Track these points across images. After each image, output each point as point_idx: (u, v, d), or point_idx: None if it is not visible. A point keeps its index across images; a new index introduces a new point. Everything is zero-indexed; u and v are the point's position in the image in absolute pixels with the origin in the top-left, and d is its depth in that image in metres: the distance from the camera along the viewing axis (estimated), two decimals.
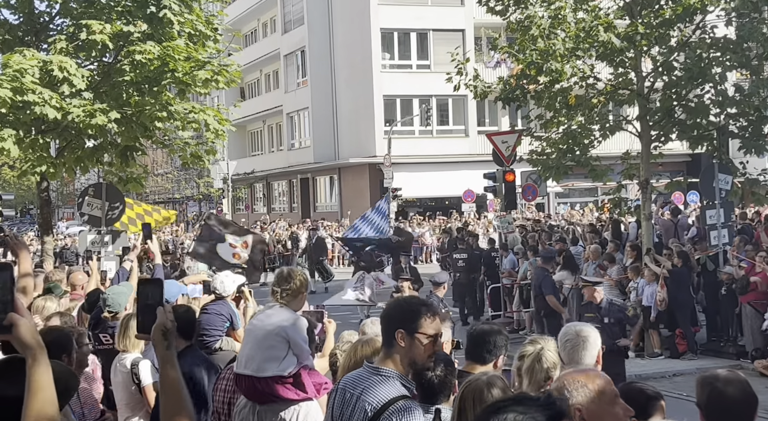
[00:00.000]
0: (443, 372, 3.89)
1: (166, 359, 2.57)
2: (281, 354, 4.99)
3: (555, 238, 18.43)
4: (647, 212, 15.09)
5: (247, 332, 5.29)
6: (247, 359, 5.06)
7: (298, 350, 5.03)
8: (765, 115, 14.23)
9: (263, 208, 50.78)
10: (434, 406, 3.80)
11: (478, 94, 15.61)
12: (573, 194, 39.40)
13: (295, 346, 5.02)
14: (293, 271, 5.36)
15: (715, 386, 3.23)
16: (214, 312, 7.22)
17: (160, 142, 15.23)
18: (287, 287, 5.17)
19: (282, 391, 4.99)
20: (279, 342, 5.01)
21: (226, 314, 7.25)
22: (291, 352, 5.01)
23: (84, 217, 14.03)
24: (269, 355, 4.99)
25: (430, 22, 37.29)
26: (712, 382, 3.26)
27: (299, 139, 45.42)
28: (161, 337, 2.56)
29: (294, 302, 5.23)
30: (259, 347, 5.03)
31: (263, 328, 5.08)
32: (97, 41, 11.96)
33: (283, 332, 5.00)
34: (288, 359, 5.00)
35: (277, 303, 5.18)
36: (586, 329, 4.49)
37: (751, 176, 15.13)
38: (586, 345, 4.36)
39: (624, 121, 15.58)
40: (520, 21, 14.69)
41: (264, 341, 5.03)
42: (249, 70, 45.36)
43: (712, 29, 14.47)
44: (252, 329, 5.19)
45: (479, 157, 33.24)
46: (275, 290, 5.19)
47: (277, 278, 5.27)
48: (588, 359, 4.33)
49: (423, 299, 4.14)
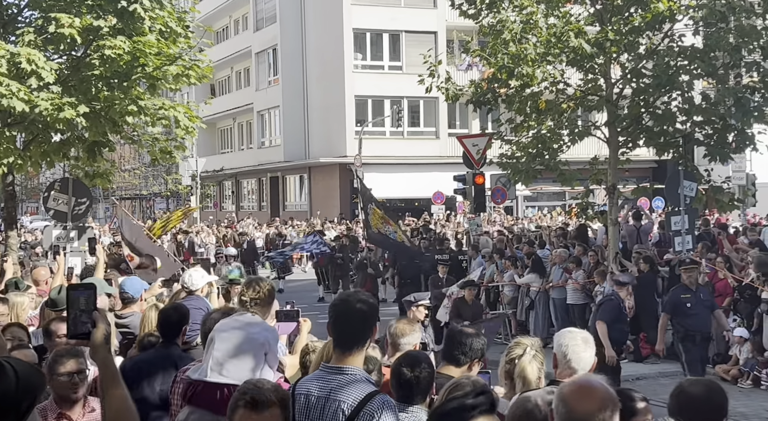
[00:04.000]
0: (423, 373, 3.87)
1: (108, 362, 2.53)
2: (258, 364, 4.89)
3: (523, 241, 18.57)
4: (614, 217, 15.27)
5: (218, 338, 5.02)
6: (221, 365, 4.78)
7: (274, 361, 4.96)
8: (730, 123, 14.47)
9: (232, 206, 50.49)
10: (410, 406, 3.81)
11: (449, 97, 15.69)
12: (541, 198, 39.71)
13: (271, 356, 4.94)
14: (261, 279, 5.21)
15: (682, 389, 3.30)
16: (192, 307, 7.15)
17: (129, 137, 15.08)
18: (256, 296, 5.05)
19: None
20: (257, 351, 4.89)
21: (204, 307, 7.20)
22: (266, 363, 4.93)
23: (50, 212, 13.85)
24: (247, 364, 4.79)
25: (403, 23, 37.36)
26: (679, 385, 3.33)
27: (269, 137, 45.23)
28: (103, 341, 2.51)
29: (263, 311, 5.17)
30: (235, 354, 4.78)
31: (240, 335, 4.91)
32: (66, 35, 11.80)
33: (265, 342, 4.87)
34: (264, 369, 4.91)
35: (247, 312, 5.05)
36: (586, 333, 4.42)
37: (715, 184, 15.38)
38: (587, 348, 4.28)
39: (592, 127, 15.75)
40: (492, 25, 14.79)
41: (242, 349, 4.82)
42: (220, 67, 45.05)
43: (680, 38, 14.70)
44: (225, 335, 4.92)
45: (450, 159, 33.39)
46: (243, 300, 5.04)
47: (245, 286, 5.13)
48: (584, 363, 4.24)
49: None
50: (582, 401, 2.62)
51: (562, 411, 2.65)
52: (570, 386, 2.72)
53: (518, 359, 4.45)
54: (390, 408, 3.43)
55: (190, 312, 7.05)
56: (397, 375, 3.87)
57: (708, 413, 3.22)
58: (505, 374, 4.60)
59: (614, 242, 15.13)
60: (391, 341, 4.72)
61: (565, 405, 2.65)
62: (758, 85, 14.42)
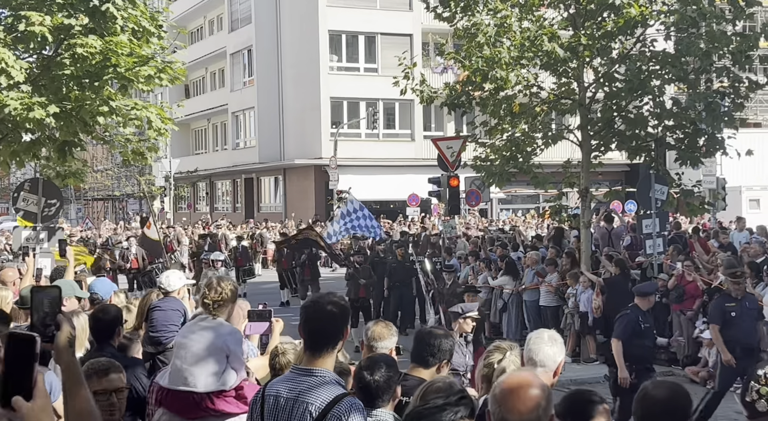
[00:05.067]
0: (384, 376, 3.85)
1: (72, 366, 2.46)
2: (221, 368, 4.83)
3: (496, 243, 18.65)
4: (586, 220, 15.38)
5: (179, 345, 5.04)
6: (184, 373, 4.82)
7: (237, 364, 4.91)
8: (700, 128, 14.63)
9: (206, 208, 50.16)
10: (374, 409, 3.79)
11: (424, 99, 15.72)
12: (515, 201, 39.92)
13: (234, 359, 4.91)
14: (222, 279, 5.18)
15: (646, 392, 3.32)
16: (169, 308, 7.10)
17: (101, 137, 14.95)
18: (218, 297, 5.02)
19: (224, 405, 4.83)
20: (219, 356, 4.84)
21: (181, 309, 7.16)
22: (229, 366, 4.89)
23: (19, 213, 13.67)
24: (210, 369, 4.81)
25: (379, 25, 37.39)
26: (644, 388, 3.35)
27: (244, 138, 45.02)
28: (68, 345, 2.42)
29: (225, 313, 5.13)
30: (197, 361, 4.83)
31: (201, 341, 4.88)
32: (36, 33, 11.67)
33: (225, 346, 4.84)
34: (227, 372, 4.87)
35: (209, 315, 5.02)
36: (553, 332, 4.46)
37: (686, 187, 15.55)
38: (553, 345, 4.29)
39: (566, 130, 15.86)
40: (466, 28, 14.84)
41: (204, 355, 4.84)
42: (194, 68, 44.79)
43: (652, 43, 14.85)
44: (186, 342, 4.95)
45: (424, 161, 33.46)
46: (206, 303, 5.01)
47: (206, 288, 5.09)
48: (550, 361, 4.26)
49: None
50: (515, 405, 2.64)
51: (497, 413, 2.68)
52: (501, 389, 2.73)
53: (497, 363, 4.45)
54: (358, 410, 3.43)
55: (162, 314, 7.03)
56: (358, 379, 3.87)
57: (671, 417, 3.23)
58: (482, 377, 4.59)
59: (587, 244, 15.23)
60: (367, 344, 4.69)
61: (499, 408, 2.68)
62: (728, 90, 14.61)
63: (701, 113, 14.28)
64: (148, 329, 6.95)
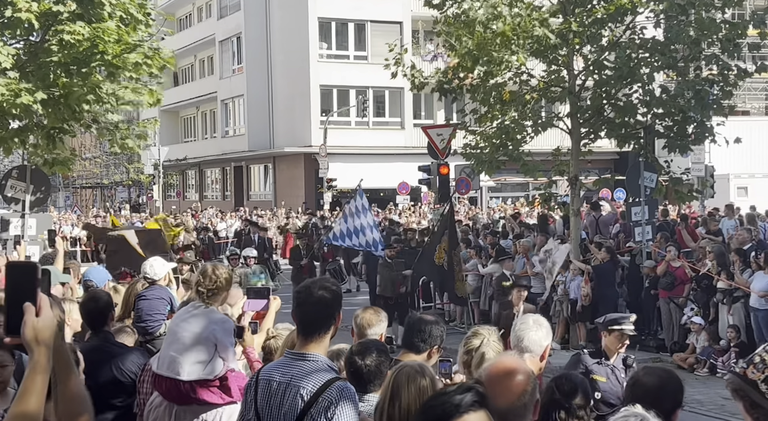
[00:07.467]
0: (375, 361, 3.88)
1: (63, 352, 2.26)
2: (208, 357, 4.84)
3: (486, 231, 18.70)
4: (576, 208, 15.42)
5: (170, 332, 5.08)
6: (171, 360, 4.85)
7: (225, 353, 4.92)
8: (689, 115, 14.67)
9: (195, 196, 50.02)
10: (366, 394, 3.82)
11: (415, 85, 15.68)
12: (505, 189, 39.98)
13: (222, 349, 4.90)
14: (217, 267, 5.17)
15: (637, 378, 3.35)
16: (155, 297, 7.10)
17: (89, 125, 14.86)
18: (213, 286, 5.02)
19: (207, 395, 4.85)
20: (207, 345, 4.85)
21: (166, 297, 7.17)
22: (217, 354, 4.88)
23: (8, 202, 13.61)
24: (196, 358, 4.83)
25: (368, 13, 37.24)
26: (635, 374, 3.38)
27: (234, 126, 44.86)
28: (34, 339, 2.13)
29: (219, 300, 5.13)
30: (184, 349, 4.85)
31: (189, 329, 4.90)
32: (23, 19, 11.57)
33: (212, 336, 4.85)
34: (214, 361, 4.87)
35: (202, 302, 5.03)
36: (538, 316, 4.55)
37: (674, 175, 15.62)
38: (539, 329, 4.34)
39: (555, 118, 15.86)
40: (457, 15, 14.79)
41: (191, 343, 4.85)
42: (183, 55, 44.51)
43: (642, 30, 14.84)
44: (176, 329, 4.98)
45: (415, 149, 33.44)
46: (201, 291, 5.02)
47: (200, 275, 5.10)
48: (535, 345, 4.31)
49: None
50: (501, 392, 2.64)
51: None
52: (486, 376, 2.73)
53: (475, 350, 4.47)
54: (349, 395, 3.45)
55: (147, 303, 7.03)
56: (349, 364, 3.91)
57: (663, 402, 3.24)
58: (463, 364, 4.62)
59: (576, 232, 15.28)
60: (357, 331, 4.71)
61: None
62: (717, 78, 14.63)
63: (690, 101, 14.30)
64: (134, 318, 6.96)
